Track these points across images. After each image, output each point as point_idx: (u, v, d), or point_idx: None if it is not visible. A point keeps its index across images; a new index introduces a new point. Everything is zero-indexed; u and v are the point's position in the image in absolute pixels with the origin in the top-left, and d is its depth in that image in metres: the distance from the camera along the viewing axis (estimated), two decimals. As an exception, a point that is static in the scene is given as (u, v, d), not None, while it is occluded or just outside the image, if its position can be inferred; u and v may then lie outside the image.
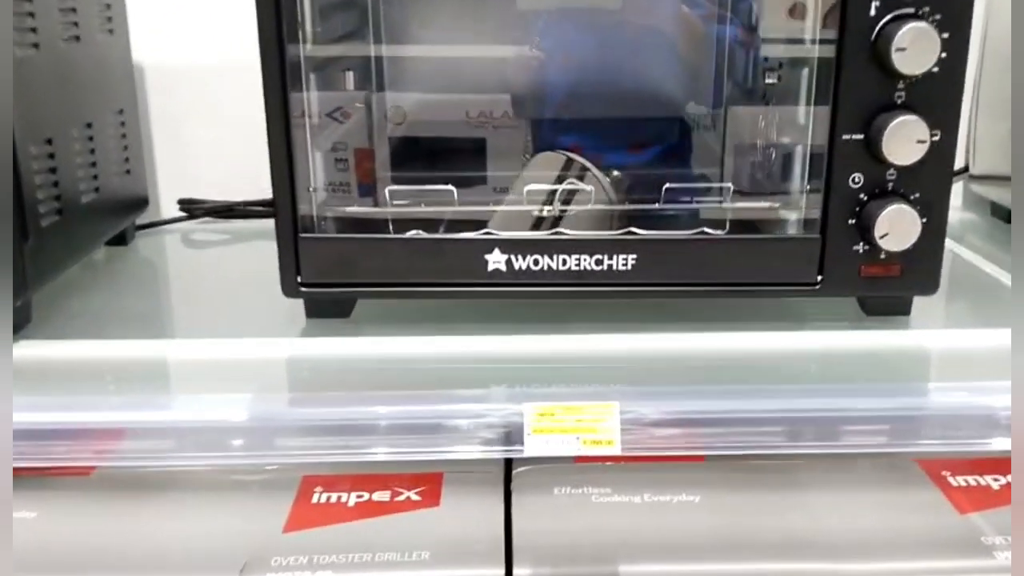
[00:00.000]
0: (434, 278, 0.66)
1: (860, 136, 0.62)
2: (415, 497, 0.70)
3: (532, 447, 0.52)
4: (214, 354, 0.67)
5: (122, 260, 0.88)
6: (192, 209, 0.97)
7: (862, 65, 0.61)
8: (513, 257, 0.65)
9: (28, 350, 0.66)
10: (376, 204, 0.71)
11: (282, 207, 0.64)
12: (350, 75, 0.70)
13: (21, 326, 0.67)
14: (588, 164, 0.70)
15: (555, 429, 0.52)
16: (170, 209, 1.00)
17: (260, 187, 1.00)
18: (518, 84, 0.75)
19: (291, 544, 0.61)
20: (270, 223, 1.02)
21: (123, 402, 0.58)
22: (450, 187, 0.68)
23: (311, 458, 0.60)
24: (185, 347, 0.68)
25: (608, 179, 0.71)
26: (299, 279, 0.65)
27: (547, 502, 0.64)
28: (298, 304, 0.69)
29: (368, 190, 0.70)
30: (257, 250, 0.93)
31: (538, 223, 0.67)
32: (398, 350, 0.66)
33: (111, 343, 0.67)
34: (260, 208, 0.96)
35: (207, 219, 0.99)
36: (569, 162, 0.71)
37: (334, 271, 0.66)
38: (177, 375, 0.65)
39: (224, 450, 0.57)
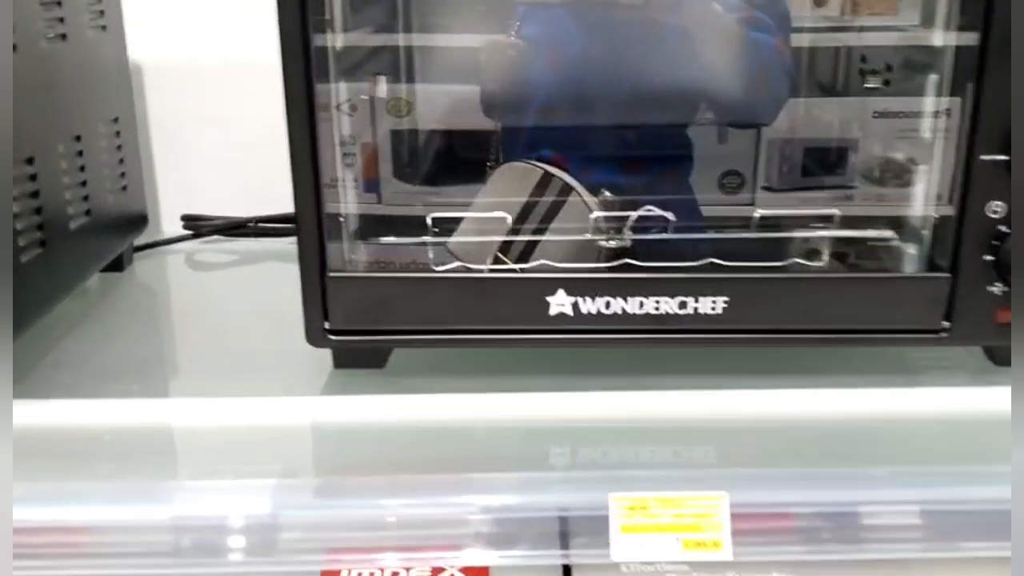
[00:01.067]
0: (485, 323, 0.55)
1: (1003, 157, 0.51)
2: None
3: (621, 550, 0.42)
4: (223, 419, 0.56)
5: (118, 289, 0.77)
6: (197, 227, 0.86)
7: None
8: (580, 299, 0.54)
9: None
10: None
11: (306, 239, 0.54)
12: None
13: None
14: (571, 181, 0.58)
15: (649, 527, 0.42)
16: (171, 226, 0.90)
17: (271, 201, 0.91)
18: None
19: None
20: (283, 242, 0.94)
21: (111, 491, 0.47)
22: (503, 214, 0.58)
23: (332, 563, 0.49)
24: (189, 410, 0.58)
25: (596, 199, 0.58)
26: (327, 326, 0.55)
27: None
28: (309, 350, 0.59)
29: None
30: (271, 274, 0.83)
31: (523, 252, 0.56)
32: (441, 414, 0.56)
33: (100, 404, 0.57)
34: (274, 225, 0.86)
35: (213, 238, 0.89)
36: (546, 177, 0.58)
37: (368, 316, 0.55)
38: (179, 450, 0.54)
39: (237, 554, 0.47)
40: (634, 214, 0.57)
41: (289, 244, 0.90)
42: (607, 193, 0.59)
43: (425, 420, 0.56)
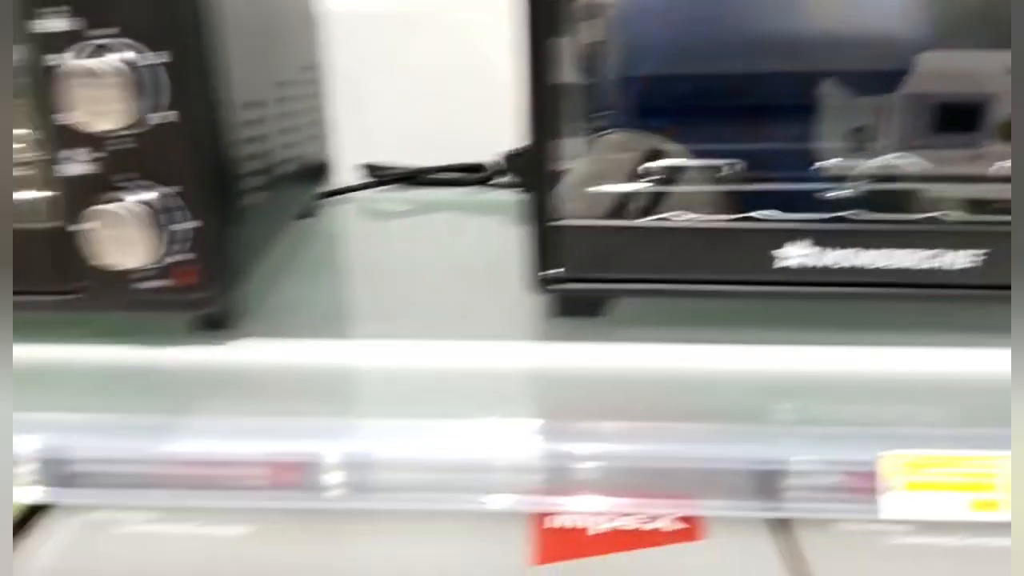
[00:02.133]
0: (710, 274, 0.54)
1: None
2: (671, 527, 0.60)
3: (895, 507, 0.40)
4: (443, 362, 0.56)
5: (311, 236, 0.78)
6: (376, 175, 0.87)
7: None
8: (813, 251, 0.52)
9: (235, 352, 0.57)
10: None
11: (539, 183, 0.53)
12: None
13: (231, 323, 0.58)
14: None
15: (930, 485, 0.40)
16: (347, 175, 0.90)
17: (446, 151, 0.91)
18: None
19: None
20: (456, 192, 0.94)
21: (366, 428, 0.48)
22: (720, 161, 0.56)
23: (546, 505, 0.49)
24: (410, 350, 0.57)
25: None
26: (552, 273, 0.54)
27: (835, 540, 0.53)
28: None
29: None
30: (454, 224, 0.83)
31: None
32: (660, 363, 0.55)
33: (326, 344, 0.58)
34: (453, 175, 0.85)
35: (387, 186, 0.89)
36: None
37: (593, 264, 0.54)
38: (411, 390, 0.54)
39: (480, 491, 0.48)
40: (872, 162, 0.55)
41: (464, 194, 0.90)
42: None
43: (644, 370, 0.55)
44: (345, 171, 0.90)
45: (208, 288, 0.52)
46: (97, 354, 0.56)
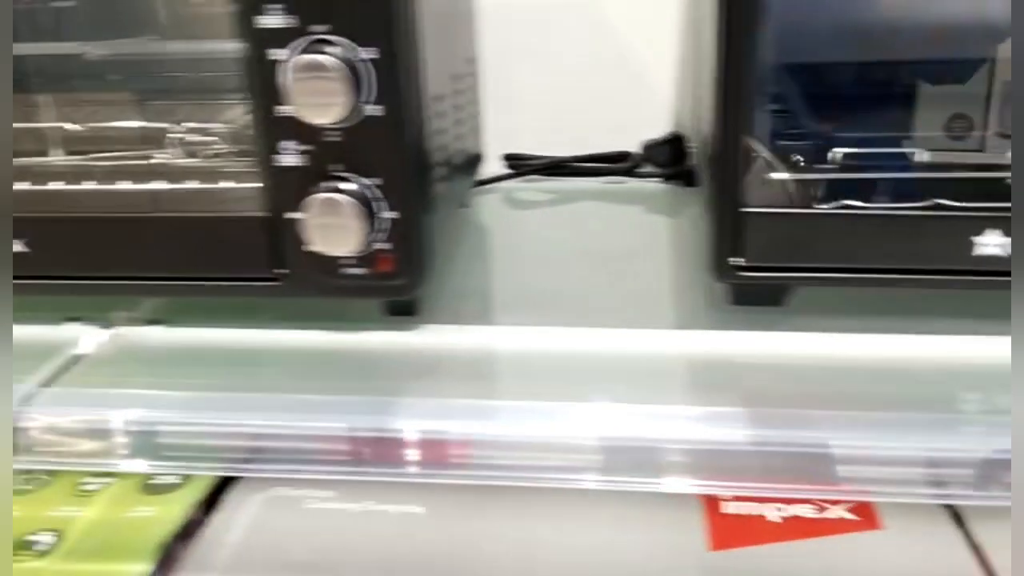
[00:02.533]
0: (899, 263, 0.54)
1: None
2: (847, 516, 0.60)
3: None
4: (613, 348, 0.57)
5: (469, 225, 0.80)
6: (518, 166, 0.88)
7: None
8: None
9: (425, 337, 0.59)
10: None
11: (725, 169, 0.54)
12: None
13: (418, 310, 0.60)
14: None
15: None
16: (490, 165, 0.92)
17: (585, 141, 0.92)
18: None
19: (723, 567, 0.52)
20: (595, 182, 0.95)
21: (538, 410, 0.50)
22: (912, 149, 0.56)
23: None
24: (581, 337, 0.59)
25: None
26: (737, 261, 0.55)
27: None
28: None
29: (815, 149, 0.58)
30: (591, 212, 0.84)
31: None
32: (841, 352, 0.55)
33: (508, 330, 0.60)
34: (597, 165, 0.87)
35: (525, 176, 0.91)
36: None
37: (779, 252, 0.55)
38: (584, 375, 0.55)
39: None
40: None
41: (603, 183, 0.91)
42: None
43: (824, 357, 0.55)
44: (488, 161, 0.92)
45: (405, 276, 0.54)
46: (293, 338, 0.58)
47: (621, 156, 0.87)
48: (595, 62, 0.90)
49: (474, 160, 0.80)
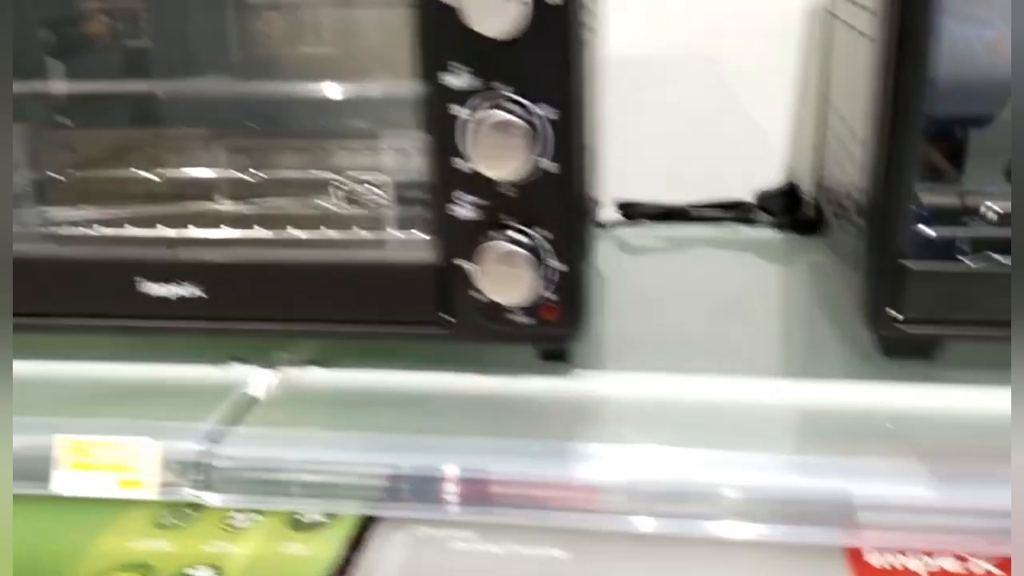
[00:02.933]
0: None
1: None
2: (994, 570, 0.60)
3: None
4: (778, 397, 0.59)
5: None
6: (631, 213, 0.90)
7: None
8: None
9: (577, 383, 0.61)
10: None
11: (884, 223, 0.55)
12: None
13: (571, 356, 0.62)
14: None
15: None
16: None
17: (694, 187, 0.94)
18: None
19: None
20: (708, 229, 0.97)
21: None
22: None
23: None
24: (731, 385, 0.60)
25: None
26: (894, 313, 0.56)
27: None
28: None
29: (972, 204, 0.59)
30: (717, 261, 0.85)
31: None
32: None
33: (664, 377, 0.61)
34: (712, 213, 0.88)
35: (634, 222, 0.92)
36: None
37: (939, 306, 0.56)
38: (733, 422, 0.57)
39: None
40: None
41: (716, 231, 0.93)
42: None
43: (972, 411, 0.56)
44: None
45: (568, 324, 0.56)
46: (452, 381, 0.60)
47: (736, 204, 0.89)
48: (708, 112, 0.92)
49: (595, 207, 0.82)
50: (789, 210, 0.88)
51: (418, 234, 0.57)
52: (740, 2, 0.89)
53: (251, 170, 0.63)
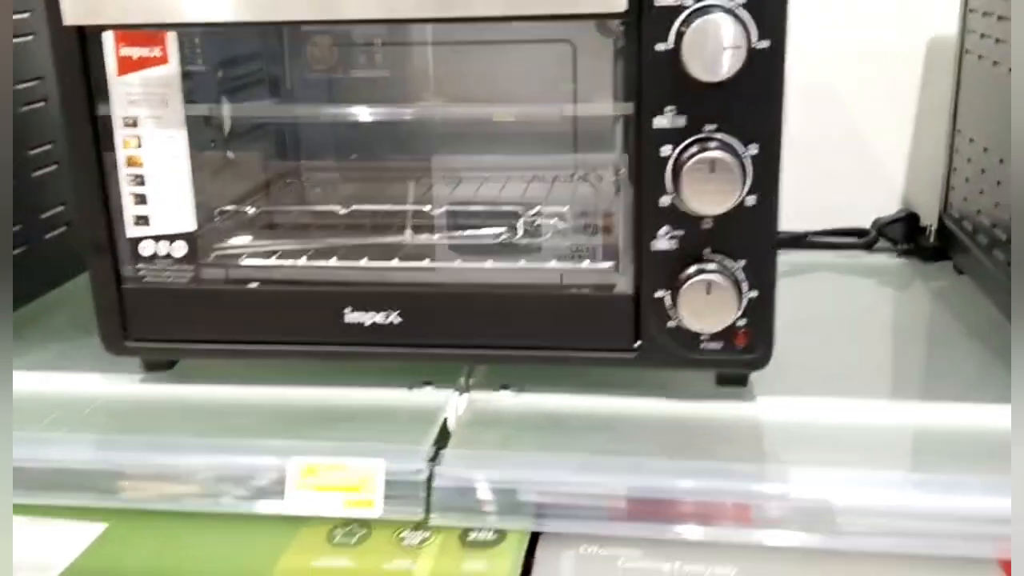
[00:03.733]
0: None
1: None
2: None
3: None
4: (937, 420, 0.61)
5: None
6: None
7: None
8: None
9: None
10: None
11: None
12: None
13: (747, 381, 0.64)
14: None
15: None
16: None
17: (818, 217, 0.97)
18: None
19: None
20: (830, 255, 1.00)
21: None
22: None
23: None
24: (909, 410, 0.63)
25: None
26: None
27: None
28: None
29: None
30: (839, 287, 0.88)
31: None
32: None
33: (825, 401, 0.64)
34: (835, 241, 0.91)
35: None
36: None
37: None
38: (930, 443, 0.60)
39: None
40: None
41: (837, 257, 0.96)
42: None
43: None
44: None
45: (758, 350, 0.59)
46: (636, 406, 0.63)
47: (855, 232, 0.91)
48: (829, 141, 0.95)
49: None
50: (909, 237, 0.91)
51: (608, 264, 0.60)
52: (860, 36, 0.92)
53: (442, 203, 0.66)
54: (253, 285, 0.64)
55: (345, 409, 0.63)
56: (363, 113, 0.66)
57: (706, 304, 0.56)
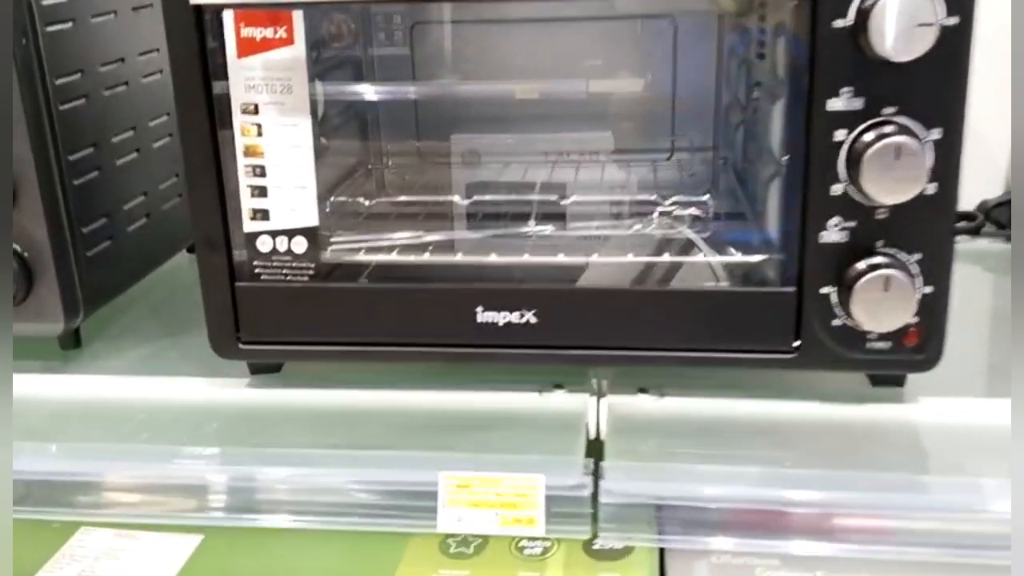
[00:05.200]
0: None
1: None
2: None
3: None
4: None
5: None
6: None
7: None
8: None
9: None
10: None
11: None
12: None
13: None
14: None
15: None
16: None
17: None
18: None
19: None
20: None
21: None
22: None
23: None
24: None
25: None
26: None
27: None
28: None
29: None
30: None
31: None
32: None
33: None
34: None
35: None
36: None
37: None
38: None
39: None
40: None
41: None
42: None
43: None
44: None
45: (930, 349, 0.55)
46: (790, 410, 0.59)
47: (963, 215, 0.87)
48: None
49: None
50: (1019, 221, 0.87)
51: (762, 257, 0.56)
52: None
53: (571, 191, 0.62)
54: (375, 282, 0.59)
55: (477, 415, 0.59)
56: (498, 88, 0.61)
57: (882, 302, 0.52)
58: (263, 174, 0.56)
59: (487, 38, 0.71)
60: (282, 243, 0.57)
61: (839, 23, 0.50)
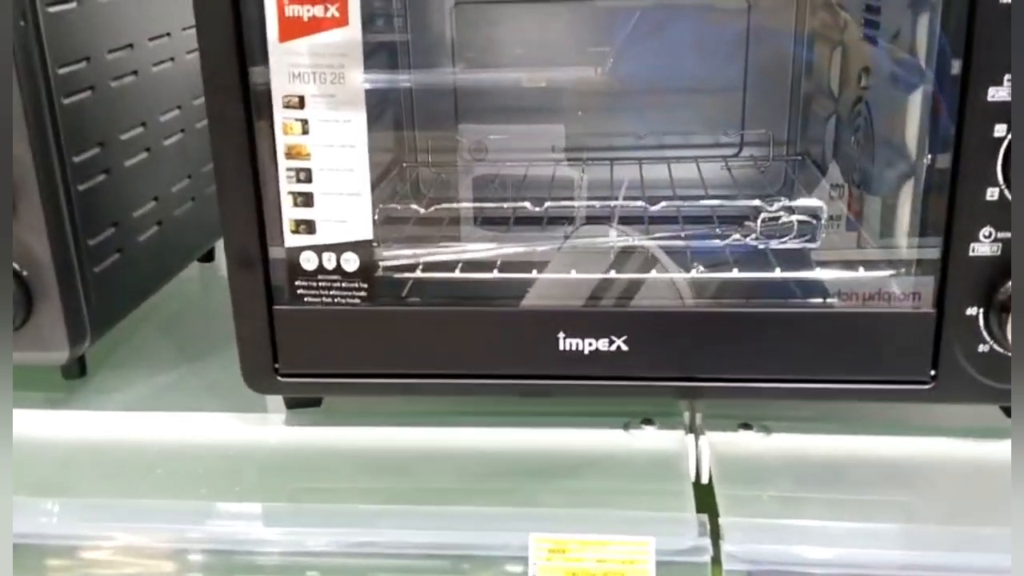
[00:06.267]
0: None
1: None
2: None
3: None
4: None
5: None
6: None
7: None
8: None
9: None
10: None
11: None
12: None
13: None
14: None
15: None
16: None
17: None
18: None
19: None
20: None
21: None
22: None
23: None
24: None
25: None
26: None
27: None
28: None
29: None
30: None
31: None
32: None
33: None
34: None
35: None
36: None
37: None
38: None
39: None
40: None
41: None
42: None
43: None
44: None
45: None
46: (919, 448, 0.51)
47: None
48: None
49: None
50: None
51: (891, 272, 0.48)
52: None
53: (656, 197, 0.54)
54: (432, 304, 0.51)
55: (558, 458, 0.50)
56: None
57: (1042, 325, 0.45)
58: (308, 179, 0.47)
59: (549, 20, 0.63)
60: (329, 260, 0.48)
61: (1006, -3, 0.42)
